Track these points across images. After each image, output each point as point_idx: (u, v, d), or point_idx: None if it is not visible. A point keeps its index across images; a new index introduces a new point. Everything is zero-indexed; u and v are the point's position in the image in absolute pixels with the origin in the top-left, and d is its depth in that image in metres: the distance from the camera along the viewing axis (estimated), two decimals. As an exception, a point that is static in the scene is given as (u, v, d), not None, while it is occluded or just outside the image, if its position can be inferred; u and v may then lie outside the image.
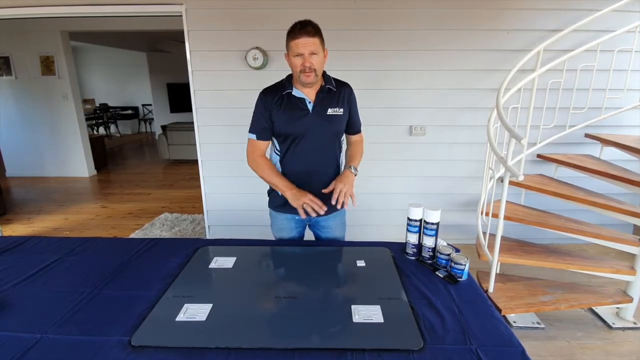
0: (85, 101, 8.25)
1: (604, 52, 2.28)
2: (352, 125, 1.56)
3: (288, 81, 1.46)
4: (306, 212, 1.38)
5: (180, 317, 1.03)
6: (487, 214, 2.08)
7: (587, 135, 2.62)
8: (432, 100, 2.77)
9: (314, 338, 0.96)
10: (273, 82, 1.51)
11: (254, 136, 1.50)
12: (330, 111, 1.44)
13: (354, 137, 1.62)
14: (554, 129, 2.47)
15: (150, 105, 8.99)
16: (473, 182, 2.92)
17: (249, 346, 0.92)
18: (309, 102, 1.43)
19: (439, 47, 2.66)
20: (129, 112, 9.61)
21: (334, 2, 2.56)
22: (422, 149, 2.87)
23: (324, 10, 2.58)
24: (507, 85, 2.08)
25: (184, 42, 2.69)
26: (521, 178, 1.70)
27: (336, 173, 1.55)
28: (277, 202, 1.58)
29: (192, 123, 2.87)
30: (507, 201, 1.91)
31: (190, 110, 2.82)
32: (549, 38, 2.41)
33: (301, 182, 1.48)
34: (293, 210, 1.49)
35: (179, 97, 8.28)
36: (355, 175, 1.48)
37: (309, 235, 1.71)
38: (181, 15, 2.62)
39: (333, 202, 1.37)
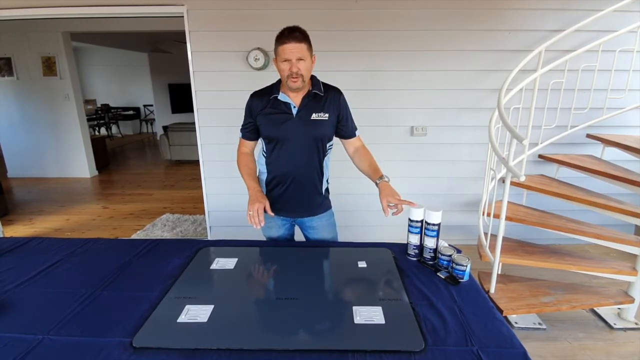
0: (86, 102, 8.27)
1: (606, 52, 2.28)
2: (345, 129, 1.55)
3: (276, 86, 1.49)
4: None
5: (182, 318, 1.04)
6: (488, 215, 2.08)
7: (588, 136, 2.61)
8: (433, 100, 2.77)
9: (315, 339, 0.96)
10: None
11: (241, 134, 1.60)
12: (314, 116, 1.45)
13: (355, 142, 1.60)
14: (555, 129, 2.47)
15: (152, 105, 9.00)
16: (474, 182, 2.92)
17: (250, 347, 0.92)
18: (294, 107, 1.45)
19: (440, 47, 2.66)
20: (131, 112, 9.63)
21: (335, 2, 2.56)
22: (423, 150, 2.87)
23: (324, 10, 2.58)
24: (509, 85, 2.08)
25: (185, 43, 2.70)
26: (523, 179, 1.70)
27: (318, 177, 1.56)
28: None
29: (194, 124, 2.88)
30: (508, 202, 1.91)
31: (192, 110, 2.82)
32: (551, 38, 2.40)
33: (284, 183, 1.54)
34: (278, 210, 1.54)
35: (181, 98, 8.29)
36: (389, 181, 1.45)
37: (299, 236, 1.71)
38: (182, 16, 2.62)
39: (387, 215, 1.36)
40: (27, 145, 5.16)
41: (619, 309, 2.11)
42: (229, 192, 2.98)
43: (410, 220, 1.36)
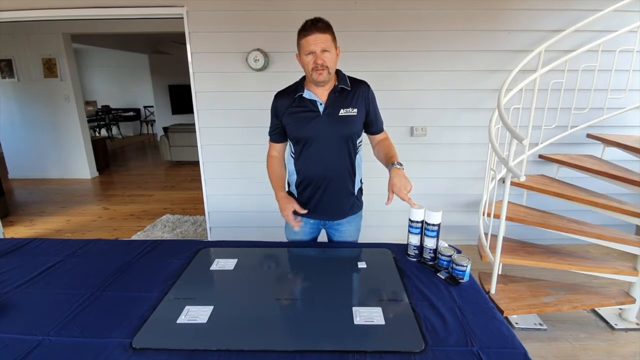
0: (87, 103, 8.28)
1: (606, 52, 2.28)
2: (373, 125, 1.50)
3: (300, 83, 1.43)
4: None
5: (182, 319, 1.03)
6: (488, 215, 2.07)
7: (589, 136, 2.61)
8: (433, 100, 2.77)
9: (315, 340, 0.96)
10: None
11: (269, 138, 1.55)
12: (342, 112, 1.37)
13: (379, 136, 1.55)
14: (555, 129, 2.47)
15: (152, 106, 9.01)
16: (474, 182, 2.92)
17: (250, 348, 0.92)
18: (320, 104, 1.38)
19: (439, 48, 2.66)
20: (131, 113, 9.64)
21: (334, 3, 2.57)
22: (423, 150, 2.87)
23: (323, 11, 2.55)
24: (509, 85, 2.08)
25: (185, 44, 2.70)
26: (523, 179, 1.70)
27: (350, 177, 1.49)
28: None
29: (194, 125, 2.88)
30: (508, 202, 1.91)
31: (192, 112, 2.82)
32: (551, 38, 2.40)
33: (314, 185, 1.48)
34: (309, 215, 1.51)
35: (181, 99, 8.30)
36: (403, 169, 1.36)
37: (321, 237, 1.69)
38: (182, 18, 2.62)
39: (387, 204, 1.30)
40: (28, 147, 5.17)
41: (620, 309, 2.10)
42: (229, 193, 2.99)
43: (410, 220, 1.36)
